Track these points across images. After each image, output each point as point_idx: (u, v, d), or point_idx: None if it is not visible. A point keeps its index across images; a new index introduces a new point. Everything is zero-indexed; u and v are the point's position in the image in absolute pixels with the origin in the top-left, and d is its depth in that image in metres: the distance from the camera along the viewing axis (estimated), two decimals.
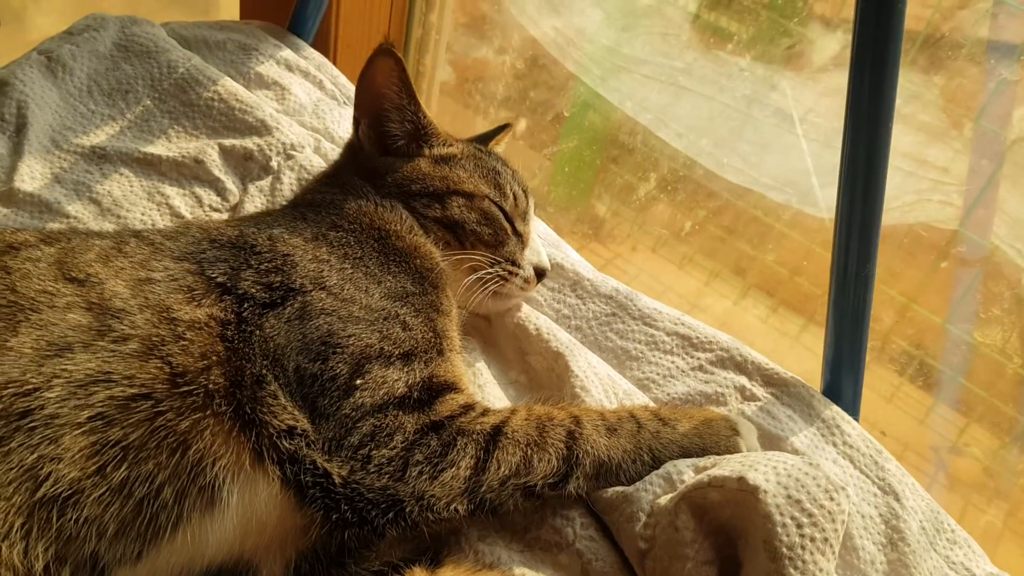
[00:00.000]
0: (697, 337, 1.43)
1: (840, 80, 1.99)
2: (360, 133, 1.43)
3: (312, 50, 1.98)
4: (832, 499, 0.98)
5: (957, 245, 1.97)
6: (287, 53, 1.91)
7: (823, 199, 1.96)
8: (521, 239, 1.45)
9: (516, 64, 2.49)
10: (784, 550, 0.94)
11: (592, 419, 1.14)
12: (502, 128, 1.68)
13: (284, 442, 0.99)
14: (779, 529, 0.96)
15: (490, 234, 1.40)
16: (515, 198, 1.47)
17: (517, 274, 1.41)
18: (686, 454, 1.13)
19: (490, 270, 1.37)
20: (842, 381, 1.38)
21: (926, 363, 2.15)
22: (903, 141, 2.03)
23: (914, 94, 1.98)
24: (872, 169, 1.26)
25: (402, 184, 1.40)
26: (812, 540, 0.95)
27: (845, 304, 1.33)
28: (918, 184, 1.97)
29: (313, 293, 1.11)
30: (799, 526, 0.96)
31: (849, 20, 1.24)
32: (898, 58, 1.20)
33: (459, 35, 2.56)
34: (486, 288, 1.37)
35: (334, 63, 2.01)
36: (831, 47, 2.07)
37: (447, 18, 2.43)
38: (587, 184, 2.58)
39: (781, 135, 2.11)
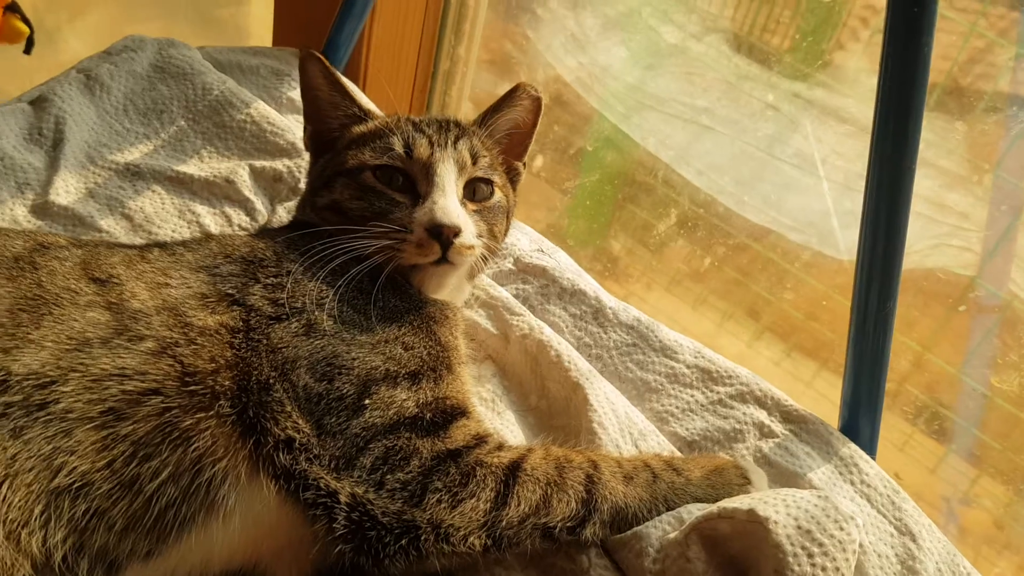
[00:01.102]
0: (717, 371, 1.43)
1: (860, 119, 2.02)
2: (305, 138, 1.46)
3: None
4: (842, 528, 0.98)
5: (975, 291, 1.97)
6: None
7: (843, 241, 1.97)
8: (415, 194, 1.30)
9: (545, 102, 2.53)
10: None
11: (610, 466, 1.13)
12: (510, 94, 1.44)
13: (281, 455, 0.99)
14: (790, 559, 0.95)
15: (364, 209, 1.28)
16: (407, 148, 1.31)
17: (406, 239, 1.23)
18: (699, 501, 1.12)
19: (369, 243, 1.22)
20: (860, 420, 1.38)
21: (938, 412, 2.14)
22: (923, 185, 2.04)
23: (936, 140, 1.99)
24: (894, 211, 1.27)
25: (311, 184, 1.42)
26: (824, 569, 0.95)
27: (864, 343, 1.33)
28: (937, 229, 1.98)
29: (316, 314, 1.12)
30: (810, 555, 0.95)
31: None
32: (922, 105, 1.21)
33: (481, 71, 2.58)
34: (392, 265, 1.23)
35: (363, 91, 2.04)
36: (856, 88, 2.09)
37: (474, 52, 2.46)
38: (604, 221, 2.59)
39: (802, 176, 2.12)
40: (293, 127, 1.75)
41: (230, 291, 1.11)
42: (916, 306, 2.08)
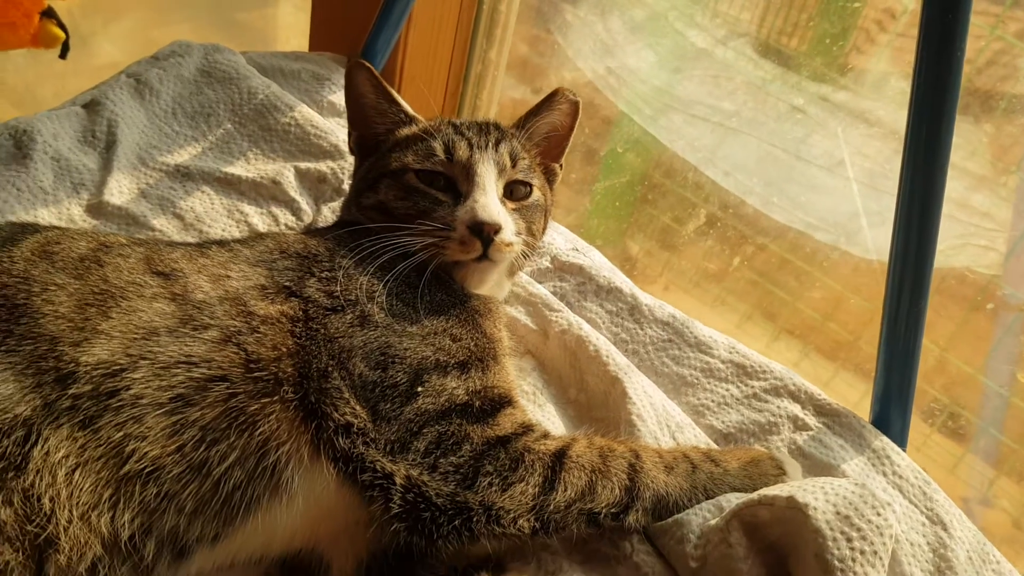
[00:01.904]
0: (751, 365, 1.46)
1: (885, 121, 2.04)
2: (350, 143, 1.50)
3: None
4: (879, 514, 1.01)
5: (999, 289, 1.99)
6: None
7: (872, 239, 1.99)
8: (457, 194, 1.34)
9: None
10: (836, 563, 0.97)
11: (651, 456, 1.17)
12: (549, 97, 1.49)
13: (340, 439, 1.03)
14: (830, 543, 0.98)
15: (409, 209, 1.33)
16: (448, 151, 1.36)
17: (449, 237, 1.28)
18: (736, 491, 1.15)
19: (415, 241, 1.26)
20: (891, 413, 1.41)
21: (957, 413, 2.15)
22: (948, 186, 2.06)
23: (960, 142, 2.01)
24: (927, 214, 1.30)
25: (357, 186, 1.46)
26: (862, 553, 0.98)
27: (896, 340, 1.36)
28: (961, 229, 2.00)
29: (369, 306, 1.16)
30: (849, 540, 0.99)
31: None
32: (954, 111, 1.24)
33: (510, 76, 2.62)
34: (437, 261, 1.28)
35: (399, 93, 2.08)
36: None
37: (504, 57, 2.49)
38: (623, 222, 2.61)
39: (828, 177, 2.14)
40: (335, 130, 1.79)
41: (287, 283, 1.15)
42: (934, 307, 2.10)
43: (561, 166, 1.56)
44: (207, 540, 1.01)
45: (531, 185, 1.41)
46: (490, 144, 1.36)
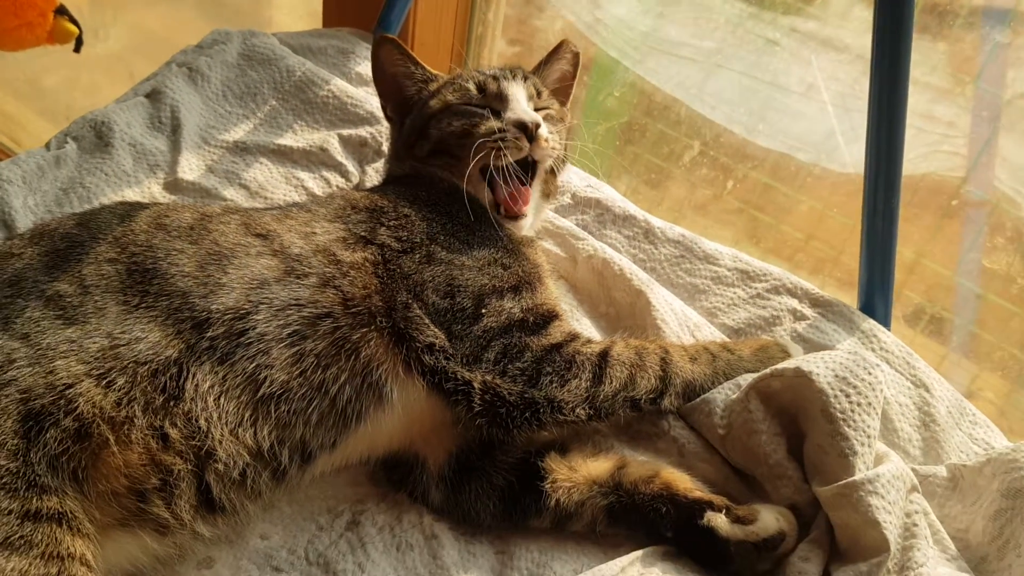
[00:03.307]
0: (753, 270, 1.64)
1: (852, 46, 2.18)
2: (386, 112, 1.64)
3: None
4: (870, 374, 1.20)
5: (963, 189, 2.16)
6: None
7: (848, 154, 2.15)
8: (498, 114, 1.49)
9: None
10: (839, 414, 1.16)
11: (677, 350, 1.35)
12: (555, 49, 1.67)
13: (425, 356, 1.22)
14: (832, 400, 1.17)
15: (461, 125, 1.48)
16: (480, 86, 1.53)
17: (504, 137, 1.43)
18: (750, 372, 1.33)
19: (484, 149, 1.42)
20: (875, 299, 1.58)
21: (937, 314, 2.27)
22: (911, 100, 2.22)
23: (920, 59, 2.17)
24: (894, 120, 1.46)
25: (404, 143, 1.59)
26: (859, 404, 1.17)
27: (875, 233, 1.52)
28: (927, 138, 2.17)
29: (432, 246, 1.33)
30: (847, 395, 1.17)
31: None
32: (911, 27, 1.39)
33: (507, 33, 2.75)
34: (496, 167, 1.42)
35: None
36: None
37: (501, 16, 2.63)
38: (609, 163, 2.76)
39: (805, 102, 2.30)
40: (367, 98, 1.93)
41: (363, 234, 1.32)
42: (909, 216, 2.26)
43: (568, 110, 1.71)
44: (327, 446, 1.19)
45: (553, 113, 1.57)
46: (515, 76, 1.54)
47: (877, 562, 1.09)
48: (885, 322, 1.58)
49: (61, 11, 1.87)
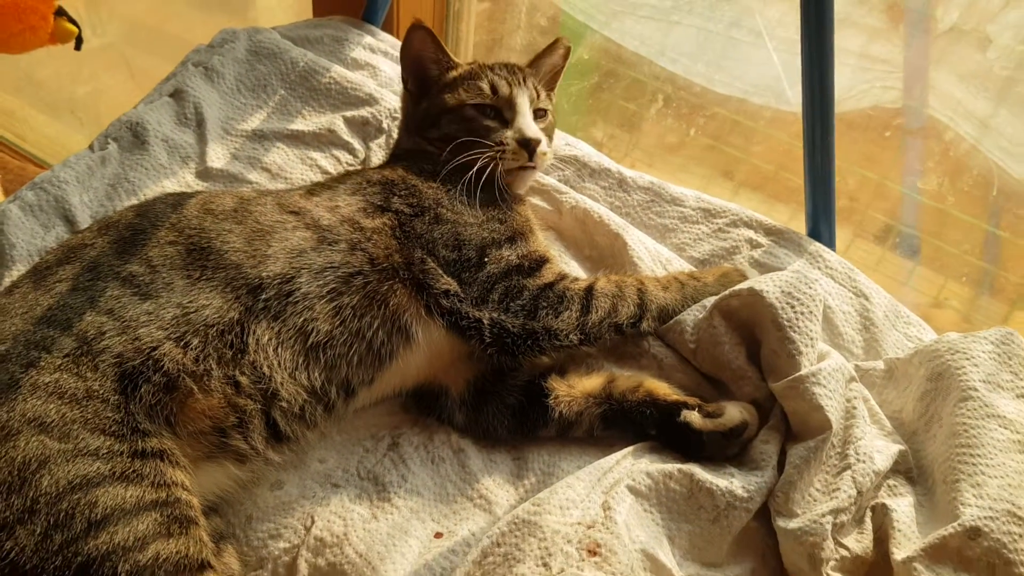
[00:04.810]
0: (714, 208, 1.82)
1: None
2: (407, 85, 1.75)
3: (385, 33, 2.32)
4: (811, 288, 1.39)
5: (901, 118, 2.34)
6: (369, 39, 2.25)
7: (793, 96, 2.33)
8: (507, 123, 1.63)
9: (540, 22, 2.85)
10: (786, 323, 1.35)
11: (651, 281, 1.55)
12: (551, 46, 1.79)
13: (442, 300, 1.41)
14: (780, 311, 1.36)
15: (470, 133, 1.59)
16: (493, 89, 1.64)
17: (503, 151, 1.58)
18: (714, 296, 1.50)
19: (483, 157, 1.55)
20: (820, 225, 1.76)
21: (901, 231, 2.42)
22: (853, 43, 2.38)
23: (859, 1, 2.33)
24: (823, 64, 1.61)
25: (418, 122, 1.72)
26: (802, 313, 1.36)
27: (816, 168, 1.70)
28: (867, 75, 2.34)
29: (438, 209, 1.51)
30: (792, 307, 1.36)
31: None
32: None
33: (483, 5, 2.90)
34: (492, 172, 1.56)
35: (398, 38, 2.38)
36: None
37: None
38: (588, 114, 2.92)
39: (755, 49, 2.46)
40: (365, 81, 2.08)
41: (379, 203, 1.51)
42: (862, 143, 2.42)
43: (554, 93, 1.84)
44: (367, 382, 1.40)
45: (547, 111, 1.72)
46: (522, 81, 1.67)
47: (822, 438, 1.29)
48: (830, 244, 1.76)
49: (60, 12, 1.97)
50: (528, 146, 1.60)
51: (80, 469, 1.11)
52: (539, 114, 1.70)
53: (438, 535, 1.31)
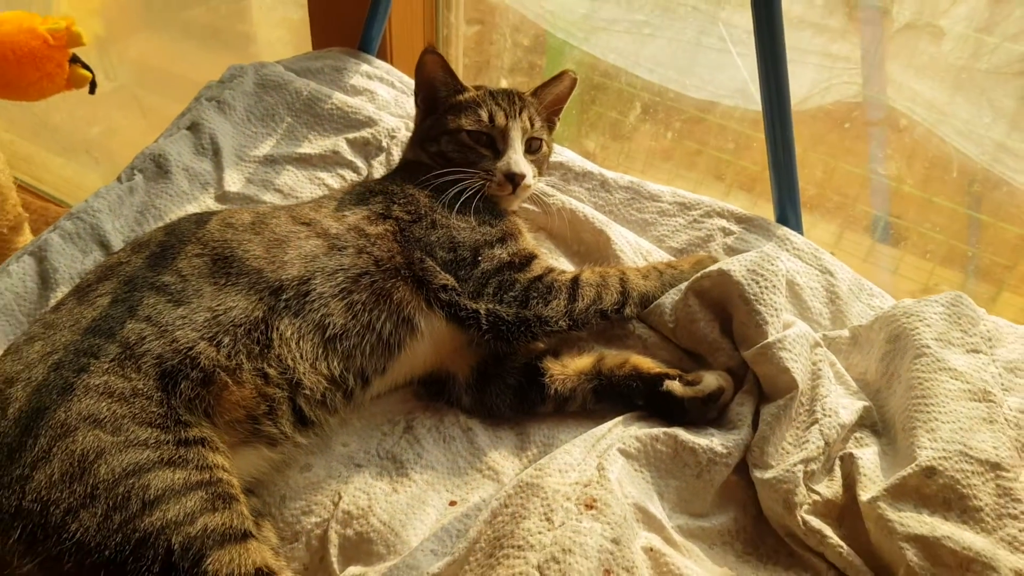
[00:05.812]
0: (689, 202, 1.94)
1: None
2: (417, 101, 1.84)
3: (379, 60, 2.45)
4: (772, 264, 1.50)
5: (862, 111, 2.45)
6: (366, 67, 2.38)
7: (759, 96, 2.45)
8: (499, 153, 1.73)
9: (523, 42, 2.99)
10: (752, 296, 1.47)
11: (632, 271, 1.66)
12: (557, 77, 1.86)
13: (441, 294, 1.53)
14: (746, 287, 1.48)
15: (462, 158, 1.71)
16: (491, 118, 1.72)
17: (491, 181, 1.68)
18: None
19: (470, 182, 1.66)
20: (787, 211, 1.88)
21: (873, 216, 2.50)
22: (814, 43, 2.50)
23: (822, 2, 2.46)
24: (776, 61, 1.73)
25: (421, 136, 1.82)
26: (766, 288, 1.47)
27: (778, 161, 1.82)
28: (829, 73, 2.46)
29: (434, 215, 1.63)
30: (757, 282, 1.48)
31: None
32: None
33: (469, 29, 3.04)
34: (478, 194, 1.65)
35: (391, 63, 2.52)
36: None
37: (462, 16, 2.92)
38: (580, 125, 3.04)
39: (722, 56, 2.57)
40: (364, 105, 2.20)
41: (381, 211, 1.63)
42: (850, 138, 2.53)
43: (559, 118, 1.95)
44: (379, 371, 1.51)
45: (542, 140, 1.83)
46: (517, 112, 1.75)
47: (791, 397, 1.41)
48: (797, 228, 1.88)
49: (75, 59, 2.10)
50: (513, 180, 1.71)
51: (132, 457, 1.23)
52: (533, 143, 1.79)
53: (452, 503, 1.43)
